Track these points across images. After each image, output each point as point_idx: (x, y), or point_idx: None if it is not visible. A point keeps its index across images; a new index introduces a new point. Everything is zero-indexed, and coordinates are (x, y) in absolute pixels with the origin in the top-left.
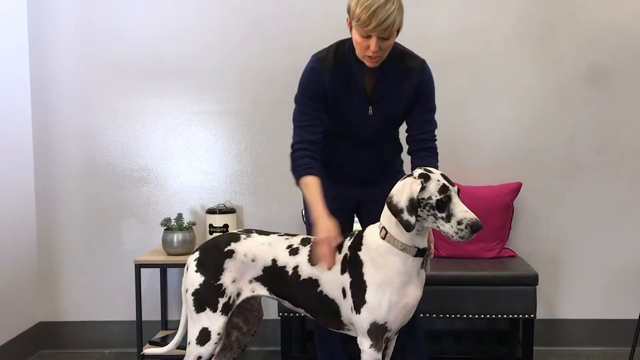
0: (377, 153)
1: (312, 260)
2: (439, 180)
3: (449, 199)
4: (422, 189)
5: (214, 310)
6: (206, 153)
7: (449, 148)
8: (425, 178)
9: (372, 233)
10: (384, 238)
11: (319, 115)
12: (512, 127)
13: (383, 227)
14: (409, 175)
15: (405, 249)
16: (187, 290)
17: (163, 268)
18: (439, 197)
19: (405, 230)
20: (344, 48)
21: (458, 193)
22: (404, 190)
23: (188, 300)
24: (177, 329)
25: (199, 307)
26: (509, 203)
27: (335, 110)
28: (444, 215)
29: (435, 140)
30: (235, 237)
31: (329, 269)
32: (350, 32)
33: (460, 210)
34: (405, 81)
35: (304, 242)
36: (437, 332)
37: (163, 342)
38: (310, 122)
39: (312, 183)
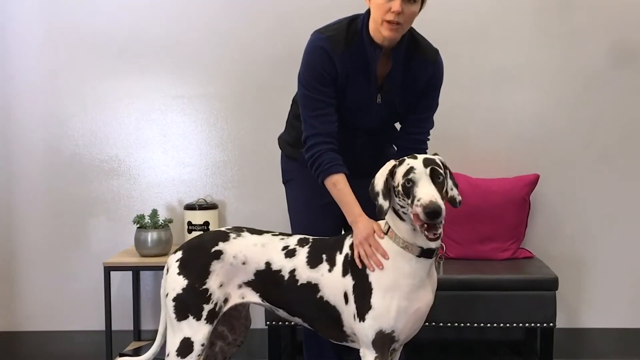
0: (373, 143)
1: (356, 264)
2: (407, 164)
3: (412, 183)
4: (393, 174)
5: (198, 318)
6: (184, 142)
7: (456, 136)
8: (400, 162)
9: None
10: (386, 233)
11: (331, 102)
12: (528, 112)
13: (387, 222)
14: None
15: (407, 247)
16: (167, 294)
17: (136, 271)
18: (402, 181)
19: (379, 216)
20: (356, 26)
21: (438, 175)
22: (383, 174)
23: (168, 307)
24: (151, 339)
25: (181, 315)
26: (524, 197)
27: (341, 94)
28: (409, 202)
29: (428, 140)
30: (224, 236)
31: (381, 269)
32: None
33: (421, 192)
34: (419, 71)
35: (302, 242)
36: (444, 342)
37: (136, 354)
38: (324, 111)
39: (342, 181)
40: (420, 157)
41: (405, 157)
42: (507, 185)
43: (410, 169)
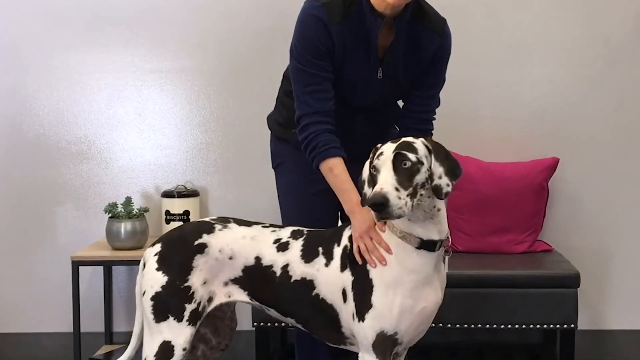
0: (374, 123)
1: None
2: (379, 148)
3: (376, 170)
4: (372, 159)
5: (179, 319)
6: (162, 121)
7: (465, 115)
8: (380, 147)
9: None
10: (385, 222)
11: (327, 76)
12: (546, 88)
13: None
14: None
15: (405, 238)
16: (144, 293)
17: (107, 266)
18: (369, 170)
19: (362, 206)
20: None
21: (403, 161)
22: (369, 159)
23: (145, 306)
24: (125, 343)
25: (160, 315)
26: (542, 184)
27: (338, 69)
28: None
29: (434, 120)
30: (209, 228)
31: (384, 264)
32: None
33: (378, 182)
34: (425, 43)
35: (295, 235)
36: (452, 346)
37: (107, 359)
38: (319, 87)
39: (339, 166)
40: (400, 140)
41: (389, 141)
42: (523, 170)
43: (379, 155)
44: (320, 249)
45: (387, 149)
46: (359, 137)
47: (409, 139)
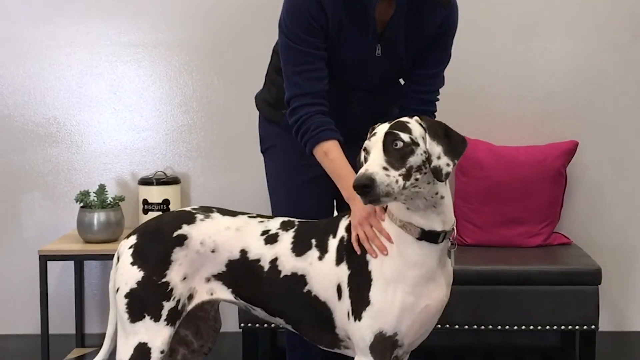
0: (373, 104)
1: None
2: (374, 128)
3: (367, 152)
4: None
5: (157, 318)
6: (139, 101)
7: (474, 95)
8: (375, 128)
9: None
10: (385, 209)
11: (320, 54)
12: (565, 65)
13: None
14: None
15: (405, 227)
16: (118, 289)
17: (79, 261)
18: (361, 152)
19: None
20: None
21: (394, 141)
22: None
23: (119, 305)
24: (98, 345)
25: (136, 314)
26: (560, 170)
27: (332, 45)
28: None
29: (437, 101)
30: (189, 218)
31: (385, 254)
32: None
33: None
34: (429, 17)
35: (285, 226)
36: (460, 349)
37: None
38: (311, 66)
39: (334, 149)
40: (397, 120)
41: (387, 122)
42: (539, 154)
43: (372, 136)
44: (313, 241)
45: (381, 130)
46: (356, 119)
47: (404, 118)
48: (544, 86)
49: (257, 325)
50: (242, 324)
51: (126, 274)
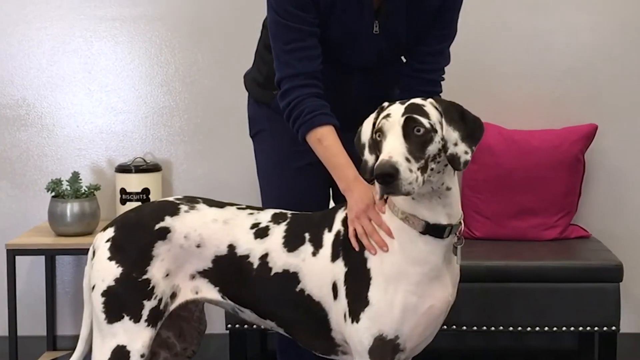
0: (372, 85)
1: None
2: (387, 109)
3: (381, 135)
4: (376, 120)
5: (136, 319)
6: (116, 80)
7: (483, 73)
8: (389, 105)
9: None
10: (386, 201)
11: (312, 30)
12: (584, 40)
13: None
14: None
15: (408, 220)
16: (93, 287)
17: (50, 256)
18: (372, 134)
19: (363, 176)
20: None
21: (415, 126)
22: (371, 119)
23: (95, 304)
24: (71, 349)
25: (113, 315)
26: (577, 156)
27: (325, 21)
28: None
29: (442, 81)
30: (172, 209)
31: (385, 250)
32: None
33: (384, 149)
34: None
35: (277, 218)
36: (469, 353)
37: None
38: (303, 43)
39: (329, 135)
40: (409, 101)
41: (397, 102)
42: (554, 139)
43: (385, 117)
44: (306, 235)
45: (396, 111)
46: (354, 101)
47: (418, 100)
48: (560, 64)
49: (246, 326)
50: (229, 325)
51: (103, 270)
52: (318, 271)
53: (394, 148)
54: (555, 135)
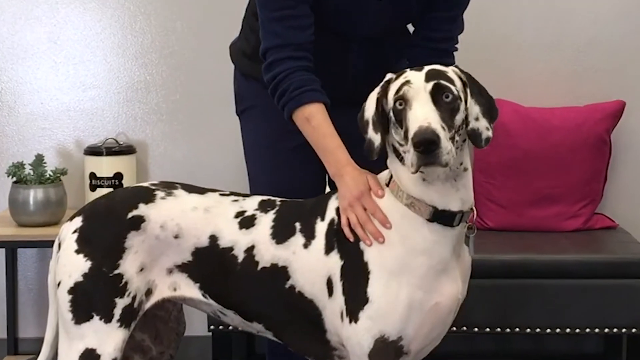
0: (374, 57)
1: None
2: (405, 77)
3: (405, 103)
4: (387, 92)
5: (107, 319)
6: (85, 51)
7: (499, 44)
8: (399, 75)
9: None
10: (388, 185)
11: None
12: (611, 8)
13: (389, 171)
14: None
15: (413, 206)
16: (59, 283)
17: (11, 248)
18: (392, 102)
19: (368, 157)
20: None
21: (444, 93)
22: (375, 93)
23: (61, 302)
24: (35, 353)
25: (82, 314)
26: (602, 137)
27: None
28: (402, 133)
29: (455, 51)
30: (147, 196)
31: (381, 241)
32: None
33: (413, 116)
34: None
35: (265, 206)
36: (482, 356)
37: None
38: (293, 12)
39: (319, 114)
40: (427, 67)
41: (407, 69)
42: (577, 117)
43: (405, 83)
44: (297, 224)
45: (417, 77)
46: (353, 77)
47: (438, 66)
48: (583, 33)
49: (230, 327)
50: (212, 327)
51: (69, 265)
52: (310, 265)
53: (427, 115)
54: (578, 113)
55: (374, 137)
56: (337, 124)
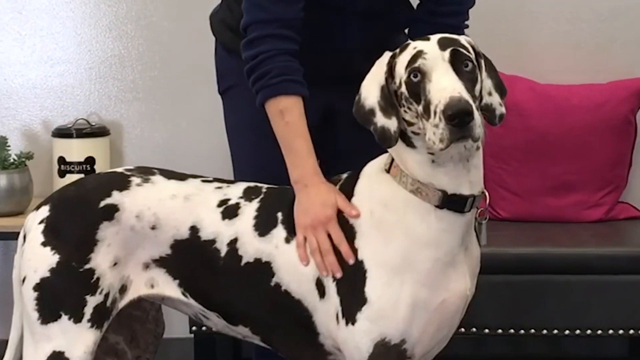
0: (370, 33)
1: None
2: (414, 47)
3: (421, 75)
4: (393, 70)
5: (77, 318)
6: (54, 22)
7: (512, 16)
8: (402, 48)
9: (373, 169)
10: (388, 171)
11: None
12: None
13: (390, 156)
14: None
15: (420, 192)
16: (24, 279)
17: None
18: (405, 75)
19: (385, 146)
20: None
21: (464, 61)
22: (376, 74)
23: (27, 300)
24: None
25: (49, 313)
26: (627, 117)
27: None
28: (421, 108)
29: (466, 27)
30: (121, 183)
31: (338, 276)
32: None
33: (436, 88)
34: None
35: (250, 194)
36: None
37: None
38: None
39: (295, 110)
40: (436, 36)
41: (410, 41)
42: (598, 96)
43: (418, 54)
44: (279, 215)
45: (429, 46)
46: (348, 55)
47: (449, 35)
48: (606, 2)
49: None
50: (194, 328)
51: (35, 259)
52: (295, 262)
53: (455, 84)
54: (599, 91)
55: (387, 122)
56: (328, 101)
